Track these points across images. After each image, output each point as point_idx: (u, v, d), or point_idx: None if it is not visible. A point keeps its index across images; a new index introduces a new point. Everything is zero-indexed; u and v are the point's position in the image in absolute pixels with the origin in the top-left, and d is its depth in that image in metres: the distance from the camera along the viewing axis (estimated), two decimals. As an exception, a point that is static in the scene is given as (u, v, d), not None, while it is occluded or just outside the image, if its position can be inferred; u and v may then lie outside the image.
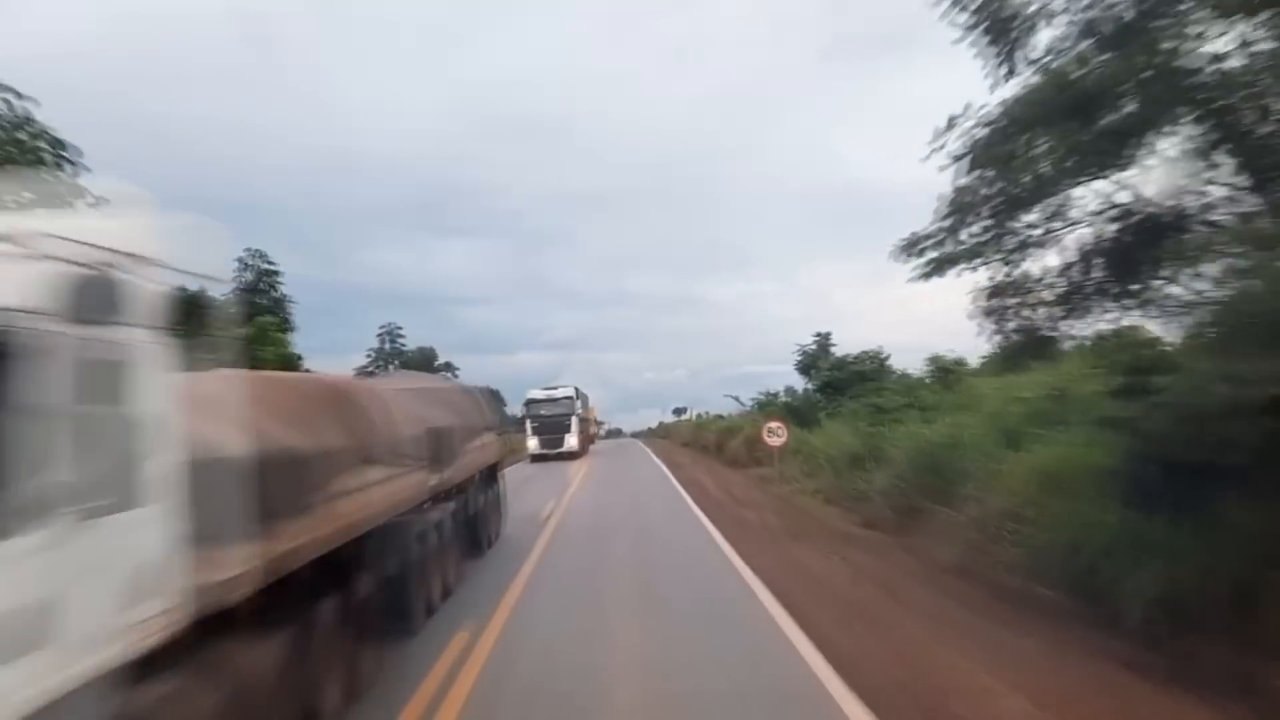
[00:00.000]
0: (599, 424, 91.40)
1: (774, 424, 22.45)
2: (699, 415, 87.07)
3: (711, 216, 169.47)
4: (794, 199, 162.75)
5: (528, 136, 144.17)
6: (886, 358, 33.56)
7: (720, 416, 48.66)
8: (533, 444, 36.53)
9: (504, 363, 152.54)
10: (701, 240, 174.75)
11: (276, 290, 23.66)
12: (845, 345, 35.75)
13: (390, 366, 40.42)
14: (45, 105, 11.19)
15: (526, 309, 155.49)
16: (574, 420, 37.03)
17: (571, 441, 36.57)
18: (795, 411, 32.67)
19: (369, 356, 41.55)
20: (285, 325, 21.79)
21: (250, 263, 23.47)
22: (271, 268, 23.39)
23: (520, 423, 38.78)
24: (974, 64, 7.52)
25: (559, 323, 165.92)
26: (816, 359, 34.42)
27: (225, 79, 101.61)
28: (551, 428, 36.59)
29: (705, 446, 41.90)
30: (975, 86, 7.60)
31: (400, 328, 43.01)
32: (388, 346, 41.60)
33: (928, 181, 8.29)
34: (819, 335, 35.38)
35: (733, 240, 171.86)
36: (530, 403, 37.83)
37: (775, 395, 45.25)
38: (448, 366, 45.42)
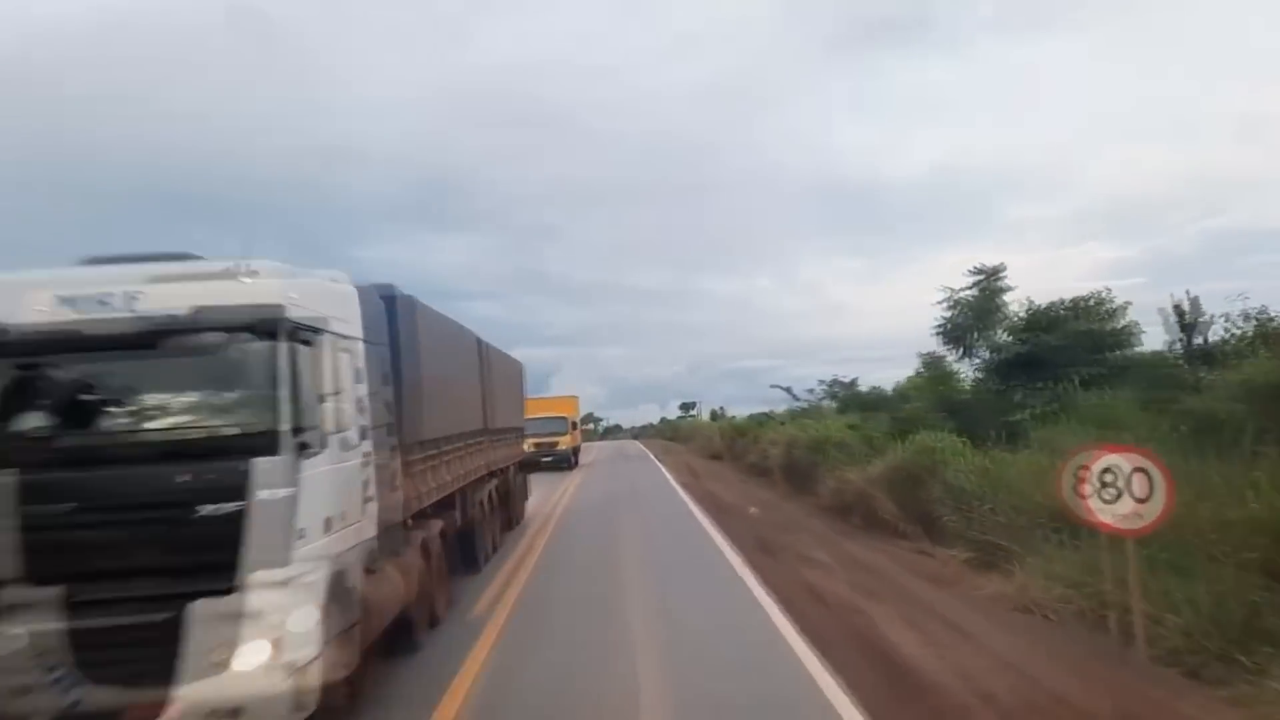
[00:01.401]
0: (581, 426, 73.67)
1: (1121, 455, 6.65)
2: (715, 411, 70.29)
3: (710, 210, 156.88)
4: (793, 193, 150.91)
5: (524, 130, 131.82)
6: (1120, 307, 17.67)
7: (768, 415, 32.76)
8: None
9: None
10: (700, 234, 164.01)
11: None
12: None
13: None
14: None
15: (525, 304, 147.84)
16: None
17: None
18: (959, 412, 16.97)
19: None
20: None
21: None
22: None
23: None
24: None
25: (557, 318, 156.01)
26: (985, 313, 18.27)
27: (220, 72, 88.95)
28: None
29: (756, 465, 26.08)
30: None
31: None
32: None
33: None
34: (980, 271, 18.95)
35: (731, 234, 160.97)
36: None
37: (851, 384, 29.80)
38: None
